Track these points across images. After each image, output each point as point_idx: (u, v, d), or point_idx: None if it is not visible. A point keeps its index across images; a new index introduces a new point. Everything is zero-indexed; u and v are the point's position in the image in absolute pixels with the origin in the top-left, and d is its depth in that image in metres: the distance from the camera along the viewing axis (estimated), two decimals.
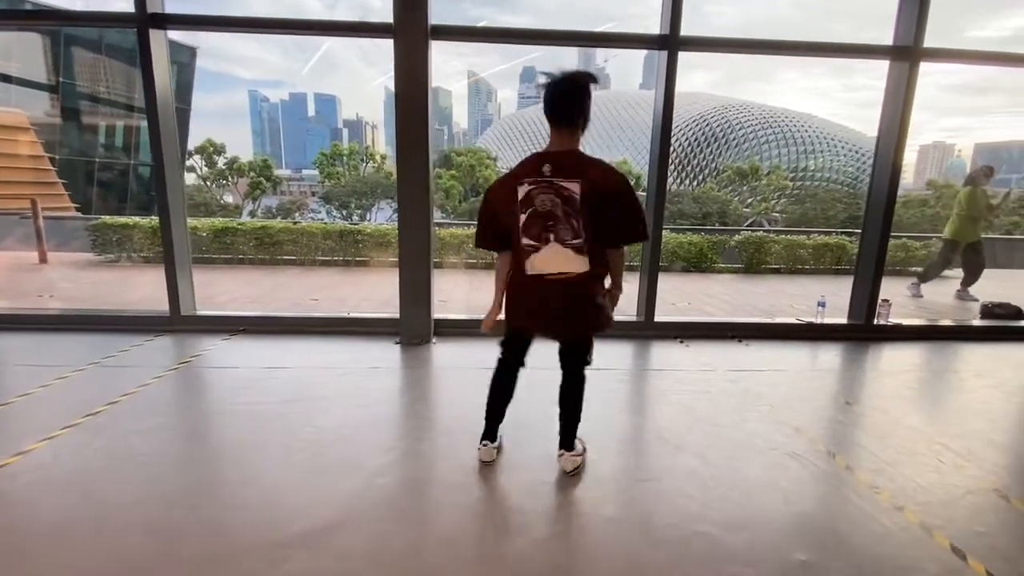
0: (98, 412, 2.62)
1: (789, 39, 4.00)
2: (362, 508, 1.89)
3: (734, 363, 3.61)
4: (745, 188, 40.88)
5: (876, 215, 4.26)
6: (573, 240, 1.85)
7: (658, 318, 4.24)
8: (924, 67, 4.02)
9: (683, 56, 3.88)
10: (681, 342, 4.06)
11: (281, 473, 2.12)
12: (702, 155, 57.27)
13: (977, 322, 5.00)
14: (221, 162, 38.17)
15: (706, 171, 55.38)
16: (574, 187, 1.82)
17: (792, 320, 4.63)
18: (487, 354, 3.67)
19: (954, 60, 4.11)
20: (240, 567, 1.58)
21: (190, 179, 37.42)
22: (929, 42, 3.94)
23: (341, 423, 2.57)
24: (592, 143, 64.18)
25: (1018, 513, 1.96)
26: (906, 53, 3.98)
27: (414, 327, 3.92)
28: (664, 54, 3.86)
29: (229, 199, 41.56)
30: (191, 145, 35.35)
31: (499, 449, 2.28)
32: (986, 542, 1.78)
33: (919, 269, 6.87)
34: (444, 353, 3.71)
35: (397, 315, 3.95)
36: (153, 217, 8.17)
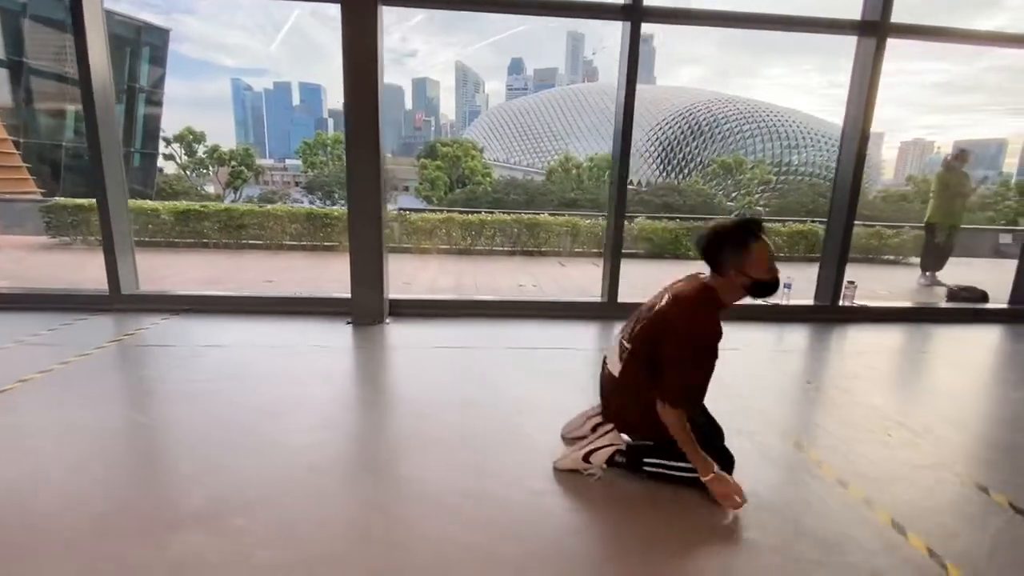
0: (6, 390, 2.43)
1: (757, 12, 3.87)
2: (274, 487, 1.74)
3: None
4: (730, 182, 41.16)
5: (842, 198, 4.20)
6: None
7: (621, 299, 4.14)
8: (905, 65, 4.00)
9: (671, 50, 4.01)
10: None
11: (196, 452, 1.97)
12: (688, 148, 57.43)
13: (944, 305, 4.99)
14: (201, 151, 37.36)
15: (692, 164, 55.61)
16: None
17: (759, 302, 4.56)
18: (439, 333, 3.58)
19: (922, 37, 4.03)
20: (128, 547, 1.43)
21: (170, 168, 36.53)
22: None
23: (273, 401, 2.42)
24: (578, 136, 64.14)
25: (968, 490, 1.89)
26: (873, 28, 3.89)
27: (366, 307, 3.76)
28: (627, 25, 3.72)
29: (211, 189, 40.70)
30: (169, 133, 34.49)
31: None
32: (931, 518, 1.69)
33: (892, 257, 6.89)
34: (396, 333, 3.56)
35: (350, 296, 3.79)
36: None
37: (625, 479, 1.84)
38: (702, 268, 1.77)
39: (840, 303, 4.37)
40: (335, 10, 3.38)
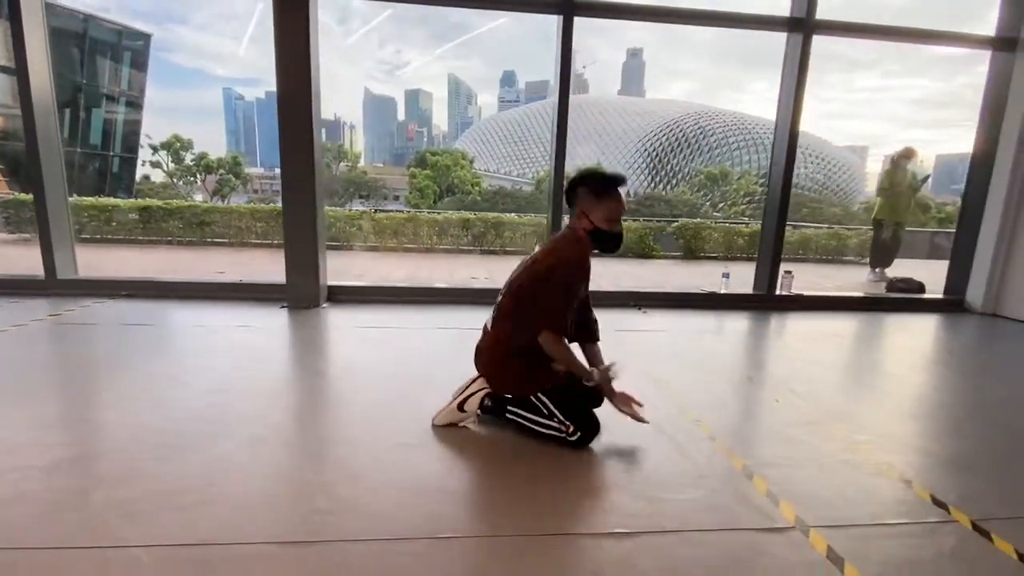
0: None
1: (688, 7, 3.99)
2: (165, 437, 1.77)
3: (622, 326, 3.60)
4: (716, 192, 41.68)
5: (775, 198, 4.33)
6: None
7: None
8: (888, 82, 4.12)
9: (661, 65, 4.09)
10: None
11: (90, 408, 1.99)
12: (675, 159, 58.12)
13: (874, 294, 5.12)
14: (189, 158, 37.27)
15: (679, 175, 56.24)
16: None
17: (695, 290, 4.65)
18: (373, 316, 3.63)
19: (847, 34, 4.19)
20: None
21: (157, 176, 36.36)
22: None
23: (181, 370, 2.45)
24: (572, 146, 64.66)
25: (835, 443, 1.94)
26: (800, 24, 4.04)
27: (301, 292, 3.80)
28: (560, 19, 3.83)
29: (199, 197, 40.52)
30: (156, 140, 34.39)
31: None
32: (780, 471, 1.74)
33: (852, 258, 7.03)
34: (329, 316, 3.60)
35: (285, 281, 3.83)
36: (84, 197, 7.88)
37: (493, 434, 1.89)
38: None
39: (777, 292, 4.48)
40: (326, 14, 3.46)
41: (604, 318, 2.11)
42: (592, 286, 1.93)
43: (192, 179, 38.33)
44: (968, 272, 4.61)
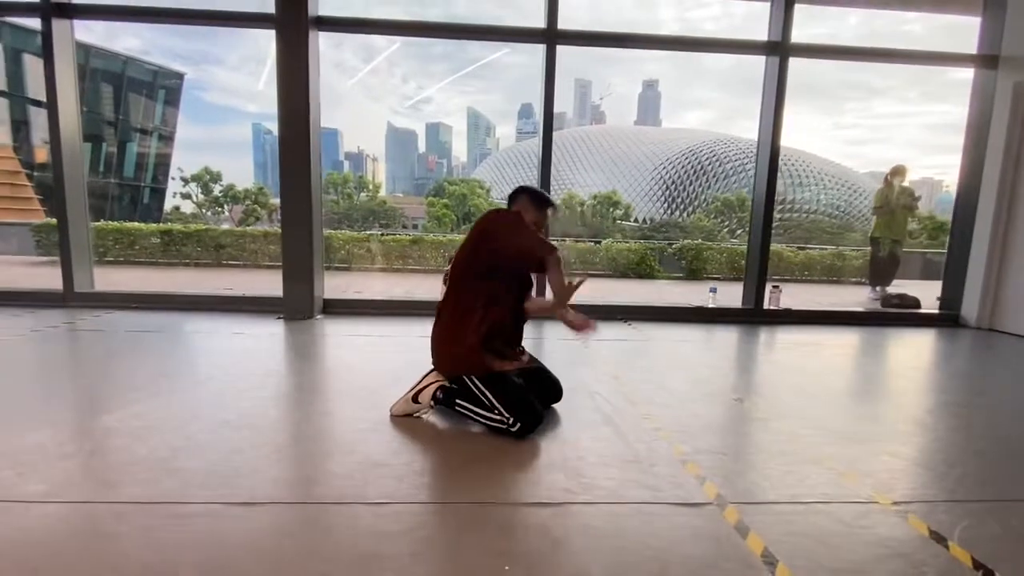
0: None
1: (665, 34, 4.20)
2: (164, 417, 1.93)
3: (601, 336, 3.68)
4: (733, 219, 41.54)
5: (758, 217, 4.44)
6: None
7: None
8: (909, 108, 4.26)
9: (677, 95, 4.22)
10: None
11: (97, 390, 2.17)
12: (692, 187, 58.31)
13: (863, 309, 5.11)
14: (217, 190, 38.97)
15: (696, 202, 56.29)
16: None
17: (682, 305, 4.72)
18: (363, 327, 3.79)
19: (820, 56, 4.35)
20: None
21: (187, 207, 37.99)
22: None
23: (176, 364, 2.63)
24: (588, 175, 65.67)
25: (779, 436, 1.99)
26: (777, 48, 4.21)
27: (296, 304, 4.00)
28: (544, 47, 4.08)
29: (226, 226, 42.08)
30: (187, 172, 36.15)
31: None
32: (716, 458, 1.80)
33: (857, 279, 6.99)
34: (322, 326, 3.78)
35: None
36: (110, 222, 8.36)
37: (443, 422, 2.00)
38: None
39: (765, 306, 4.52)
40: (355, 59, 3.77)
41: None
42: (581, 299, 2.06)
43: (219, 209, 39.96)
44: (962, 287, 4.59)
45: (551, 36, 4.04)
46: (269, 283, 6.91)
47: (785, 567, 1.21)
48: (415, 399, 2.02)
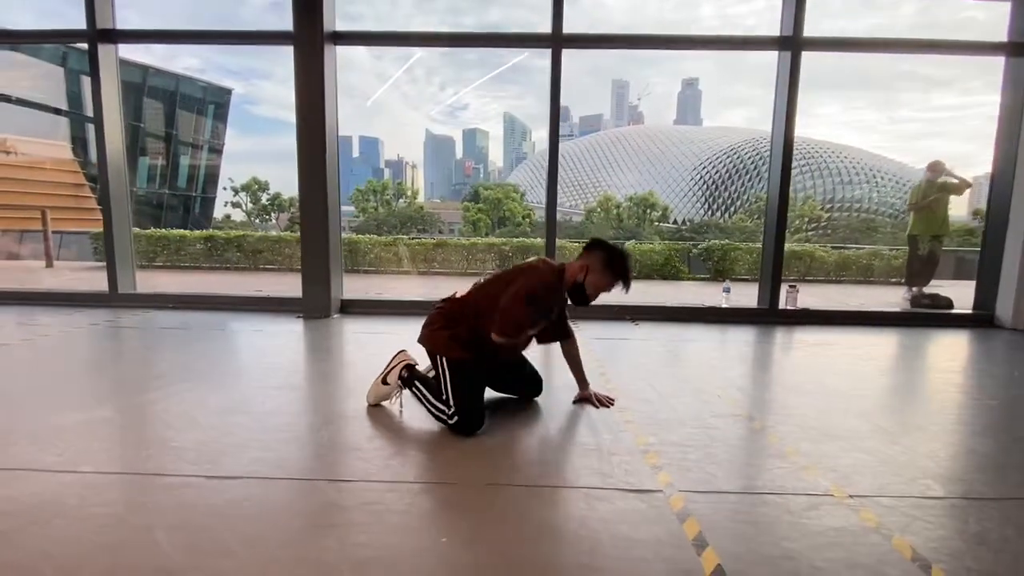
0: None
1: (674, 34, 4.20)
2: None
3: (601, 335, 3.70)
4: None
5: (772, 216, 4.35)
6: None
7: None
8: (966, 100, 4.15)
9: (719, 93, 4.25)
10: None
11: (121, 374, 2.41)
12: (733, 187, 56.69)
13: (890, 310, 4.90)
14: (265, 198, 40.93)
15: (738, 202, 54.69)
16: None
17: (696, 304, 4.66)
18: (376, 325, 3.96)
19: (833, 49, 4.23)
20: None
21: (237, 215, 40.06)
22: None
23: (196, 354, 2.86)
24: (625, 176, 64.99)
25: (750, 431, 2.00)
26: (789, 43, 4.13)
27: (315, 304, 4.21)
28: (550, 51, 4.16)
29: (274, 234, 44.14)
30: (237, 183, 38.13)
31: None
32: (678, 449, 1.83)
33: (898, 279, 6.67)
34: (338, 324, 3.97)
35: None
36: (157, 229, 8.98)
37: (414, 414, 2.11)
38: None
39: (782, 307, 4.42)
40: (392, 67, 4.03)
41: (589, 328, 2.30)
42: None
43: (267, 217, 41.92)
44: (996, 287, 4.34)
45: (557, 40, 4.11)
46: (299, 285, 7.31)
47: (713, 551, 1.25)
48: (384, 381, 2.15)
